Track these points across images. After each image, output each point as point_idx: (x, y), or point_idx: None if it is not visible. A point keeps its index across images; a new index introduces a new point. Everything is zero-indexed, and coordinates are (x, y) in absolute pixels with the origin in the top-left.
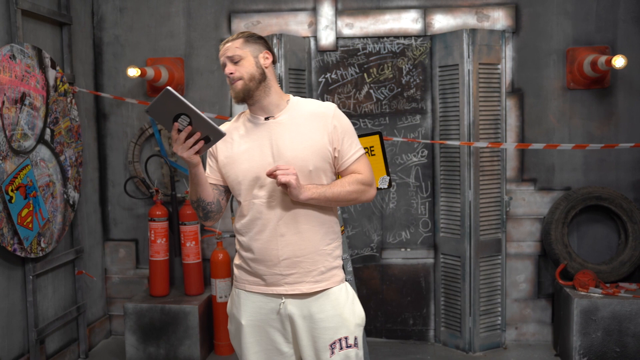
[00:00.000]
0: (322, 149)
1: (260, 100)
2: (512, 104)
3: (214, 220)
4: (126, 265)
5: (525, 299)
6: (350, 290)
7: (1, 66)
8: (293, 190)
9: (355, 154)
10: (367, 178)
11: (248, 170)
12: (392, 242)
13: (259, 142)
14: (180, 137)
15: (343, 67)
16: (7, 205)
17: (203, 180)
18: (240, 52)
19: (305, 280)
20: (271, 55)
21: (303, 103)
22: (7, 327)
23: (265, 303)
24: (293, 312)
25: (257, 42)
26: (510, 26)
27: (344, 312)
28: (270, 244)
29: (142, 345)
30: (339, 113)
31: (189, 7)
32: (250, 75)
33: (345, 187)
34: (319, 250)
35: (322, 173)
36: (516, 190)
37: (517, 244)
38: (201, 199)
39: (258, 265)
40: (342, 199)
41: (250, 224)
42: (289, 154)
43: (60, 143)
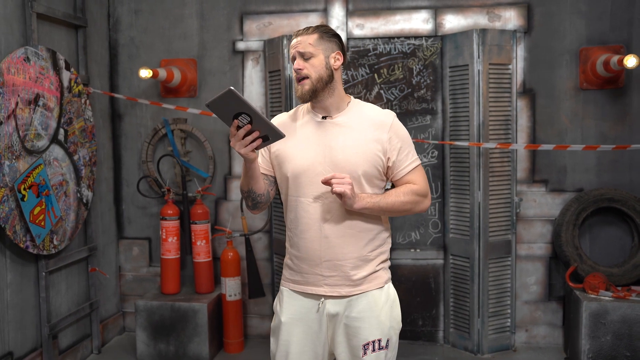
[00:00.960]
0: (374, 156)
1: (323, 100)
2: (523, 105)
3: (261, 210)
4: (139, 263)
5: (536, 301)
6: (391, 293)
7: (15, 68)
8: (347, 200)
9: (411, 164)
10: (422, 189)
11: (297, 166)
12: (402, 242)
13: (313, 140)
14: (239, 134)
15: (354, 68)
16: (19, 203)
17: (257, 174)
18: (312, 49)
19: (345, 283)
20: (342, 57)
21: (363, 107)
22: (21, 322)
23: (306, 302)
24: (332, 310)
25: (331, 40)
26: (522, 26)
27: (380, 315)
28: (314, 244)
29: (153, 342)
30: (397, 123)
31: (202, 9)
32: (319, 76)
33: (400, 197)
34: (362, 256)
35: (369, 179)
36: (527, 191)
37: (527, 246)
38: (252, 190)
39: (301, 263)
40: (396, 210)
41: (296, 221)
42: (340, 157)
43: (74, 143)
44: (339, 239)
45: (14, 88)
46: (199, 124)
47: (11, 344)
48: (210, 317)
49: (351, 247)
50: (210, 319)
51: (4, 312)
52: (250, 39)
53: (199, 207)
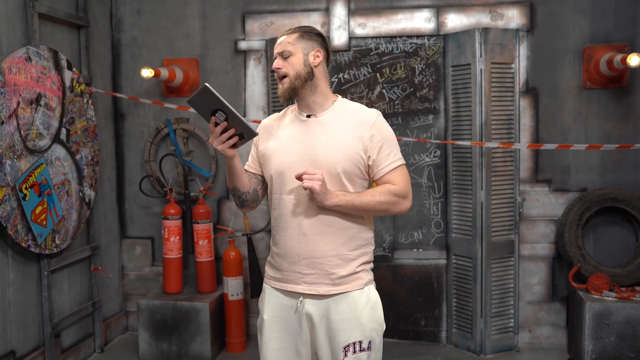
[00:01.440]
0: (354, 154)
1: (305, 98)
2: (526, 104)
3: (250, 209)
4: (142, 262)
5: (539, 301)
6: (372, 295)
7: (17, 68)
8: (317, 196)
9: (392, 164)
10: (401, 189)
11: (280, 164)
12: (405, 242)
13: (296, 138)
14: (216, 131)
15: (356, 67)
16: (21, 202)
17: (238, 171)
18: (291, 47)
19: (324, 282)
20: (322, 54)
21: (348, 106)
22: (23, 320)
23: (286, 300)
24: (310, 311)
25: (312, 38)
26: (524, 25)
27: (361, 317)
28: (293, 241)
29: (155, 341)
30: (380, 121)
31: (204, 9)
32: (297, 73)
33: (375, 197)
34: (341, 254)
35: (350, 178)
36: (530, 191)
37: (531, 246)
38: (237, 188)
39: (281, 261)
40: (371, 209)
41: (278, 219)
42: (320, 155)
43: (76, 142)
44: (317, 237)
45: (16, 88)
46: (202, 124)
47: (13, 342)
48: (212, 317)
49: (329, 244)
50: (212, 319)
51: (5, 311)
52: (252, 38)
53: (201, 207)
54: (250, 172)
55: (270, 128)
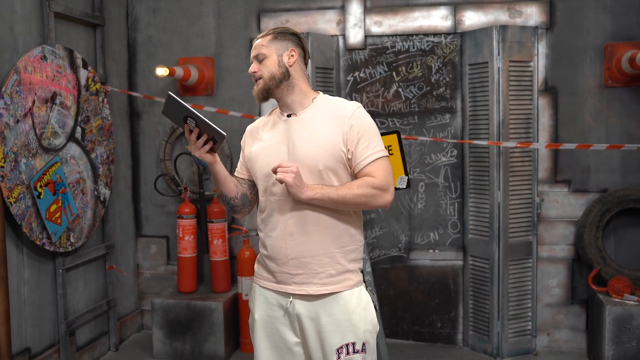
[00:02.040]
0: (334, 148)
1: (283, 97)
2: (545, 103)
3: (243, 214)
4: (157, 261)
5: (558, 304)
6: (363, 296)
7: (32, 67)
8: (290, 189)
9: (372, 155)
10: (380, 182)
11: (265, 166)
12: (420, 243)
13: (279, 139)
14: (191, 138)
15: (371, 66)
16: (35, 200)
17: (222, 177)
18: (265, 50)
19: (313, 281)
20: (297, 53)
21: (328, 101)
22: (38, 318)
23: (276, 300)
24: (301, 312)
25: (286, 39)
26: (543, 22)
27: (353, 318)
28: (280, 242)
29: (169, 340)
30: (360, 113)
31: (219, 7)
32: (271, 75)
33: (352, 189)
34: (328, 252)
35: (333, 173)
36: (549, 191)
37: (549, 247)
38: (223, 194)
39: (270, 262)
40: (348, 202)
41: (266, 221)
42: (301, 153)
43: (91, 141)
44: (303, 236)
45: (31, 86)
46: (216, 123)
47: (28, 340)
48: (226, 316)
49: (316, 243)
50: (226, 318)
51: (21, 309)
52: None
53: (215, 206)
54: (239, 178)
55: (256, 131)
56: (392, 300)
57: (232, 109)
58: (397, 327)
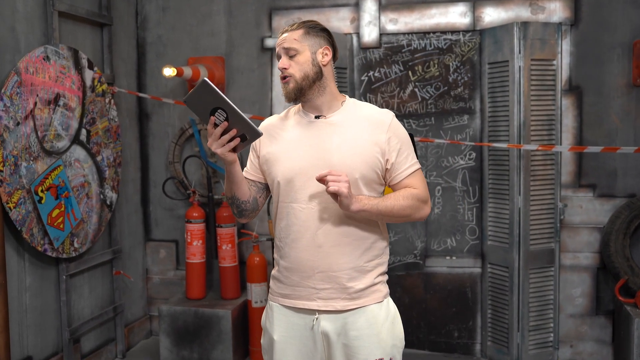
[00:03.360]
0: (372, 157)
1: (312, 99)
2: (569, 103)
3: (249, 219)
4: (166, 266)
5: (582, 315)
6: (391, 308)
7: (34, 67)
8: (344, 199)
9: (411, 167)
10: (423, 194)
11: (289, 170)
12: (437, 249)
13: (305, 141)
14: (216, 133)
15: (387, 65)
16: (36, 205)
17: (239, 178)
18: (297, 45)
19: (340, 296)
20: (331, 52)
21: (359, 106)
22: (40, 325)
23: (299, 319)
24: (327, 328)
25: (319, 35)
26: (568, 18)
27: (381, 332)
28: (306, 254)
29: (176, 348)
30: (396, 123)
31: (230, 5)
32: (304, 74)
33: (399, 200)
34: (358, 266)
35: (367, 183)
36: (573, 196)
37: (573, 255)
38: (236, 197)
39: (292, 275)
40: (395, 214)
41: (287, 229)
42: (335, 159)
43: (97, 143)
44: (334, 248)
45: (33, 88)
46: None
47: (30, 348)
48: (235, 324)
49: (347, 256)
50: (234, 326)
51: (22, 316)
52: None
53: (225, 210)
54: (249, 180)
55: (273, 130)
56: (407, 309)
57: (243, 109)
58: (413, 336)
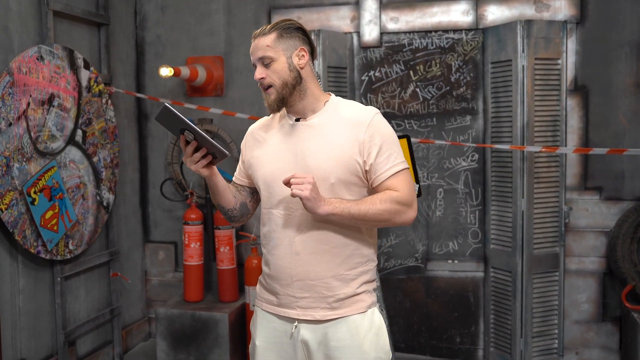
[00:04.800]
0: (348, 160)
1: (294, 104)
2: (574, 104)
3: (240, 223)
4: (165, 268)
5: (588, 321)
6: (376, 319)
7: (27, 67)
8: (307, 202)
9: (393, 168)
10: (405, 197)
11: (268, 175)
12: (439, 252)
13: (284, 146)
14: (187, 151)
15: (387, 64)
16: (29, 207)
17: (220, 189)
18: (271, 52)
19: (320, 305)
20: (307, 52)
21: (342, 106)
22: (34, 328)
23: (279, 325)
24: (307, 337)
25: (293, 36)
26: (574, 16)
27: (363, 344)
28: (284, 261)
29: (173, 351)
30: (378, 120)
31: (229, 4)
32: (283, 82)
33: (375, 204)
34: (338, 275)
35: (345, 187)
36: (578, 199)
37: (578, 260)
38: (220, 205)
39: (273, 282)
40: (370, 219)
41: (268, 236)
42: (311, 163)
43: (93, 144)
44: (311, 256)
45: (26, 88)
46: (225, 125)
47: (24, 351)
48: (232, 328)
49: (325, 264)
50: (231, 330)
51: (15, 319)
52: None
53: None
54: (238, 185)
55: (257, 134)
56: (408, 313)
57: (242, 110)
58: (414, 341)
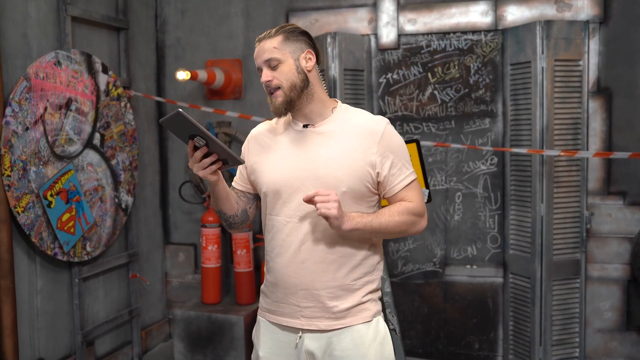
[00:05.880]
0: (361, 170)
1: (301, 108)
2: (597, 106)
3: (239, 230)
4: (185, 269)
5: (611, 330)
6: (381, 328)
7: (44, 73)
8: (334, 221)
9: (406, 179)
10: (418, 208)
11: (274, 182)
12: (457, 257)
13: (292, 151)
14: (196, 156)
15: (405, 67)
16: (45, 210)
17: (224, 195)
18: (278, 54)
19: (324, 315)
20: (314, 55)
21: (351, 113)
22: (52, 328)
23: (283, 335)
24: (311, 347)
25: (299, 39)
26: (597, 15)
27: (368, 353)
28: (289, 270)
29: (190, 353)
30: (390, 131)
31: (248, 7)
32: (291, 84)
33: (394, 217)
34: (343, 285)
35: (357, 196)
36: (601, 204)
37: (601, 266)
38: (222, 212)
39: (276, 291)
40: (390, 231)
41: (272, 243)
42: (322, 171)
43: (111, 147)
44: (317, 265)
45: (43, 93)
46: (243, 128)
47: (42, 350)
48: (248, 331)
49: (331, 274)
50: (247, 333)
51: (33, 319)
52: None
53: None
54: (238, 190)
55: (262, 139)
56: (426, 318)
57: (261, 113)
58: (431, 346)
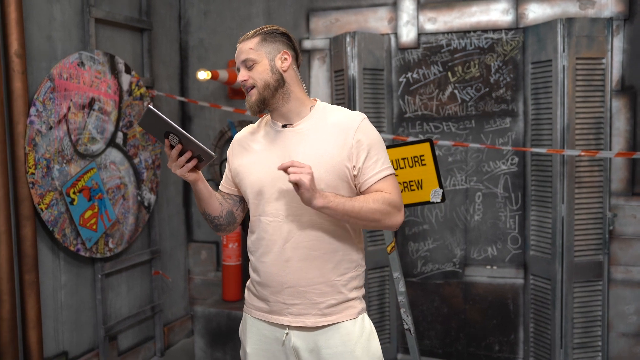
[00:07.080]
0: (338, 166)
1: (278, 107)
2: (620, 105)
3: (227, 232)
4: (207, 267)
5: (637, 334)
6: (367, 325)
7: (68, 73)
8: (305, 192)
9: (381, 172)
10: (395, 199)
11: (255, 181)
12: (477, 258)
13: (272, 152)
14: (172, 155)
15: (425, 66)
16: (68, 207)
17: (206, 195)
18: (254, 55)
19: (311, 312)
20: (290, 56)
21: (329, 111)
22: (76, 322)
23: (270, 332)
24: (298, 344)
25: (276, 40)
26: (621, 12)
27: (355, 350)
28: (274, 268)
29: (210, 349)
30: (366, 125)
31: (269, 8)
32: (265, 83)
33: (368, 203)
34: (329, 281)
35: (337, 192)
36: (625, 205)
37: (624, 269)
38: (206, 213)
39: (263, 290)
40: (362, 217)
41: (257, 243)
42: None
43: (134, 146)
44: (302, 262)
45: (66, 93)
46: None
47: (66, 344)
48: None
49: (316, 271)
50: None
51: (57, 313)
52: (317, 37)
53: None
54: (224, 193)
55: (244, 142)
56: (446, 319)
57: None
58: (451, 347)
